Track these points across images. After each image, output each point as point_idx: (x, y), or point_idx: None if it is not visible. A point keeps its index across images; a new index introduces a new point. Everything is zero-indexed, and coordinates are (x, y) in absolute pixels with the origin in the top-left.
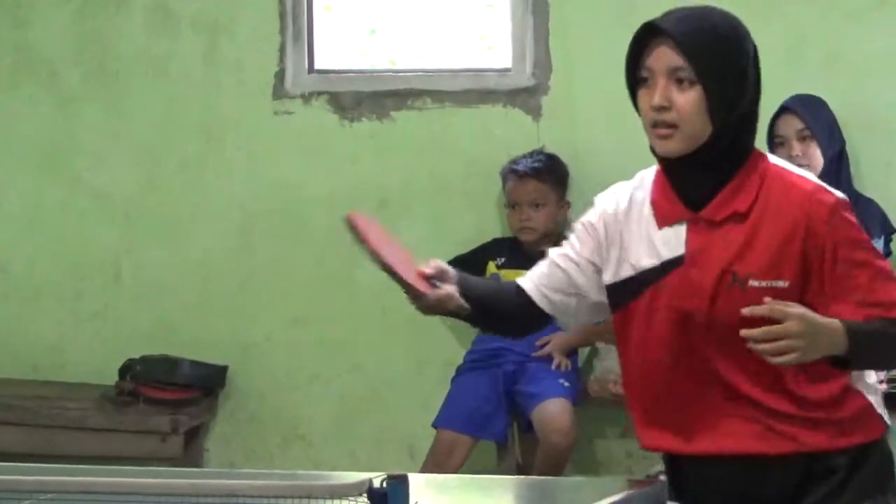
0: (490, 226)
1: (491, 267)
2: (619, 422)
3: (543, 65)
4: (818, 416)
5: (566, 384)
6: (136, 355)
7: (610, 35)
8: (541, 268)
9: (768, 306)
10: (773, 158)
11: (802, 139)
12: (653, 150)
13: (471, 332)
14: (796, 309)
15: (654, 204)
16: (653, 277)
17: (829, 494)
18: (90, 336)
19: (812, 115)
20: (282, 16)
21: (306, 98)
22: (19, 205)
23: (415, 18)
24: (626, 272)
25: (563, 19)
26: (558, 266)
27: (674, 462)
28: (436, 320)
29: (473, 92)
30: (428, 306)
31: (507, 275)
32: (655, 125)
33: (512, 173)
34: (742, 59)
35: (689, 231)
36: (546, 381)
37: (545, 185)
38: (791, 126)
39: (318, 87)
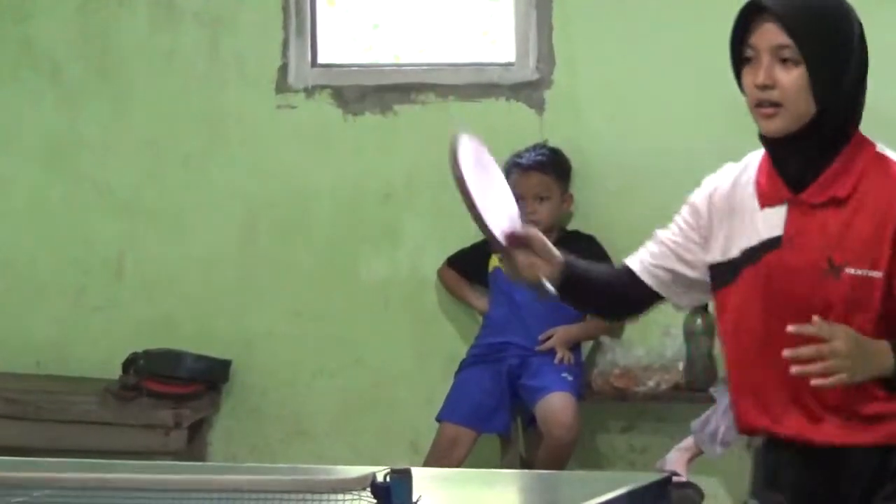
0: None
1: (494, 260)
2: (622, 416)
3: (547, 59)
4: None
5: (569, 378)
6: (140, 349)
7: (613, 29)
8: (648, 247)
9: (817, 326)
10: (881, 146)
11: None
12: (759, 135)
13: (474, 327)
14: (843, 328)
15: (757, 184)
16: (751, 258)
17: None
18: (93, 330)
19: None
20: (285, 10)
21: (309, 92)
22: (22, 199)
23: (418, 13)
24: (729, 253)
25: (566, 13)
26: (664, 243)
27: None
28: (438, 314)
29: (477, 86)
30: (512, 266)
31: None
32: (759, 104)
33: (516, 167)
34: (847, 38)
35: (789, 212)
36: (549, 376)
37: (549, 178)
38: None
39: (321, 81)
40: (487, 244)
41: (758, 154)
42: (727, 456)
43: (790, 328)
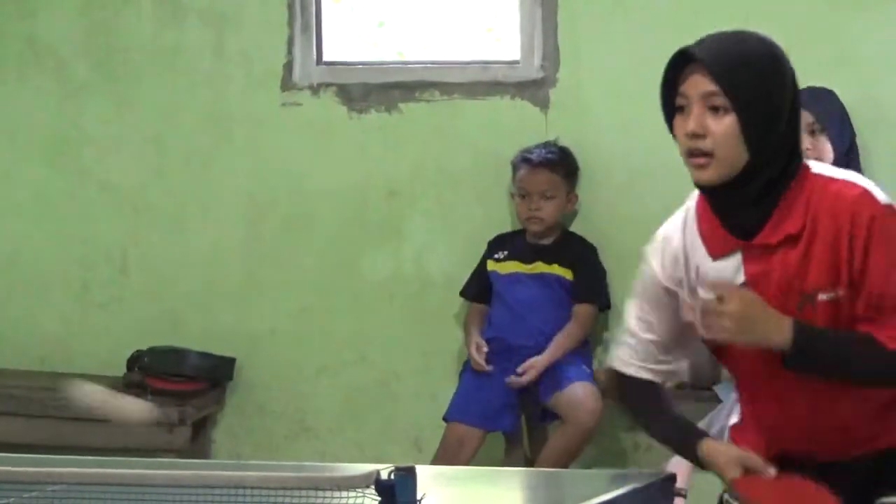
0: (498, 217)
1: (490, 265)
2: (627, 415)
3: (552, 57)
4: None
5: (588, 370)
6: (144, 347)
7: (618, 27)
8: (632, 348)
9: (718, 284)
10: (815, 167)
11: (812, 132)
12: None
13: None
14: (747, 295)
15: (703, 236)
16: None
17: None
18: (97, 327)
19: (822, 108)
20: (290, 7)
21: (314, 90)
22: (26, 196)
23: (423, 10)
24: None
25: (571, 11)
26: (643, 339)
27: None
28: (442, 312)
29: (482, 84)
30: None
31: (504, 266)
32: (691, 154)
33: (525, 162)
34: (777, 83)
35: (745, 260)
36: (569, 368)
37: (557, 176)
38: (801, 119)
39: (326, 78)
40: (485, 256)
41: (694, 198)
42: None
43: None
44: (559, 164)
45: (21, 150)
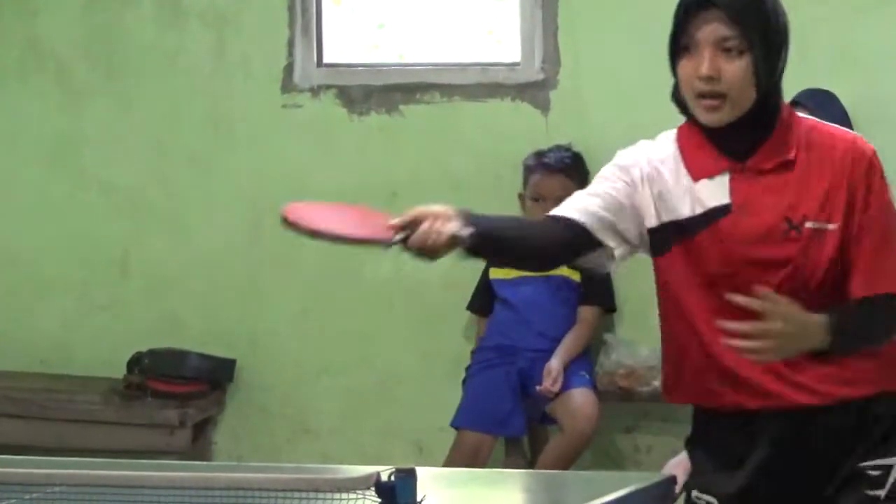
0: None
1: (492, 273)
2: (627, 416)
3: (552, 59)
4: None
5: (587, 376)
6: (144, 348)
7: (618, 29)
8: (579, 199)
9: (762, 303)
10: (801, 113)
11: None
12: (690, 118)
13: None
14: (784, 308)
15: (688, 158)
16: (696, 226)
17: (876, 445)
18: (98, 329)
19: (822, 109)
20: (290, 9)
21: (315, 92)
22: (27, 198)
23: (423, 12)
24: (667, 217)
25: (571, 14)
26: (601, 195)
27: (705, 419)
28: (443, 314)
29: (482, 86)
30: (416, 249)
31: (509, 272)
32: (702, 95)
33: (541, 167)
34: (783, 23)
35: (732, 181)
36: (568, 374)
37: (572, 181)
38: None
39: (326, 80)
40: (485, 273)
41: (671, 133)
42: None
43: (736, 298)
44: (575, 170)
45: (22, 151)
